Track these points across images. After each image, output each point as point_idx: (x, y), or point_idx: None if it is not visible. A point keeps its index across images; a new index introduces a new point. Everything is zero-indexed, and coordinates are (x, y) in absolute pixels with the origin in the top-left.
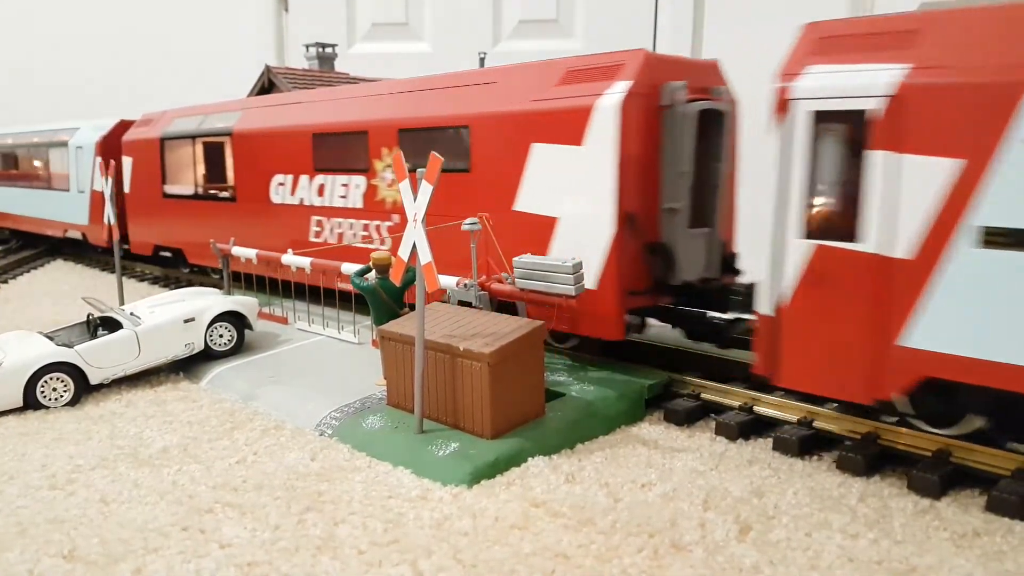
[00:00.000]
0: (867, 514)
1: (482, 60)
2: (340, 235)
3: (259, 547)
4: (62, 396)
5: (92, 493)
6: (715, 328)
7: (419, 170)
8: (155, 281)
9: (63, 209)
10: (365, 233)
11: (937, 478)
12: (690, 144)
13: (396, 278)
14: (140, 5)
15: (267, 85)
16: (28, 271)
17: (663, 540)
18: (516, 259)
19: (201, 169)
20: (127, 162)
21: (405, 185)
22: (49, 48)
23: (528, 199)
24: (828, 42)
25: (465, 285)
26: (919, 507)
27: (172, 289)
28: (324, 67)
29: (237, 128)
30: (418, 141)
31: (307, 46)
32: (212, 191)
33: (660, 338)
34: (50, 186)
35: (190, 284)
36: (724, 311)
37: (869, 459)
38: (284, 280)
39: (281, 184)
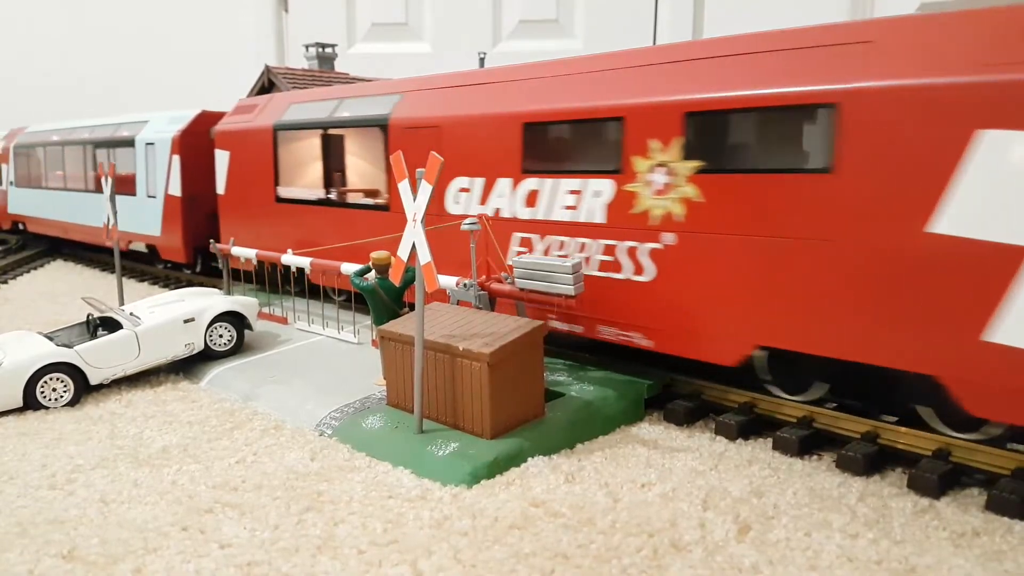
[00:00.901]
0: (866, 514)
1: (482, 60)
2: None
3: (259, 547)
4: (62, 396)
5: (92, 493)
6: None
7: (419, 170)
8: (155, 281)
9: (127, 217)
10: (608, 258)
11: (937, 477)
12: None
13: (395, 278)
14: (139, 5)
15: (267, 85)
16: (28, 271)
17: (662, 540)
18: (515, 259)
19: (335, 167)
20: (222, 157)
21: (404, 185)
22: (46, 48)
23: (966, 217)
24: None
25: (465, 285)
26: (919, 507)
27: (172, 289)
28: (324, 67)
29: (397, 116)
30: (724, 130)
31: (307, 46)
32: (352, 196)
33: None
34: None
35: (195, 285)
36: None
37: (869, 458)
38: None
39: (465, 190)
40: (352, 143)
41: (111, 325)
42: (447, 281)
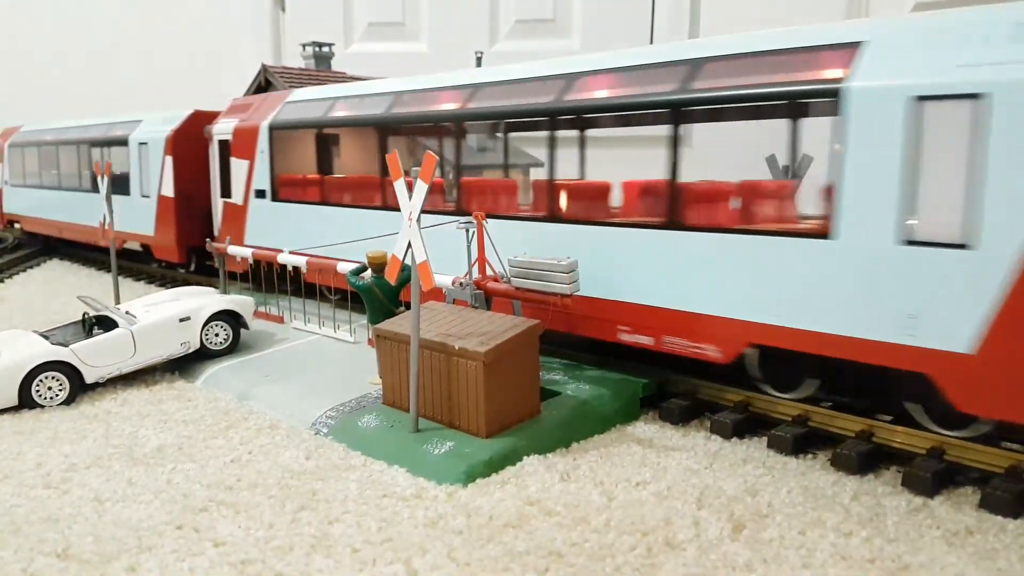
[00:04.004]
0: (860, 512)
1: (479, 60)
2: None
3: (253, 546)
4: (57, 395)
5: (87, 492)
6: None
7: (413, 169)
8: (151, 280)
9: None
10: None
11: (930, 476)
12: None
13: (391, 277)
14: (137, 6)
15: (264, 84)
16: (24, 270)
17: (657, 538)
18: (512, 258)
19: None
20: None
21: (400, 184)
22: (40, 48)
23: None
24: None
25: (461, 284)
26: (912, 505)
27: (168, 288)
28: (321, 67)
29: None
30: None
31: (304, 45)
32: None
33: None
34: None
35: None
36: None
37: (863, 457)
38: None
39: None
40: None
41: (107, 324)
42: (442, 280)
